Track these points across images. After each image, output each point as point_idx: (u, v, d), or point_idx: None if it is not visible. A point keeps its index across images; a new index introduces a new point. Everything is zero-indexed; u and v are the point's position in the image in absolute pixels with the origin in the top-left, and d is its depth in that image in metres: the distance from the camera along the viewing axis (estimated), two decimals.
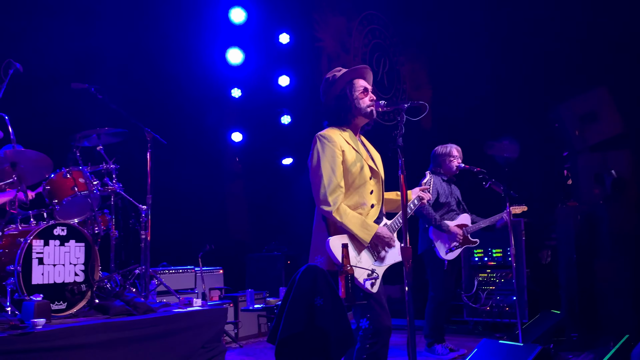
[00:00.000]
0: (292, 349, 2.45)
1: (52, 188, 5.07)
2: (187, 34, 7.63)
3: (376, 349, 2.98)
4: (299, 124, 8.76)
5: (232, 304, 6.18)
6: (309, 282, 2.47)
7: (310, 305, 2.48)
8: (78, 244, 4.77)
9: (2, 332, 3.72)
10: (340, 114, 3.25)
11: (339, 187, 3.05)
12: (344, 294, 2.61)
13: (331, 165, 3.05)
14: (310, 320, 2.42)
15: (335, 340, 2.45)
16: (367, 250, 3.06)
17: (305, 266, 2.58)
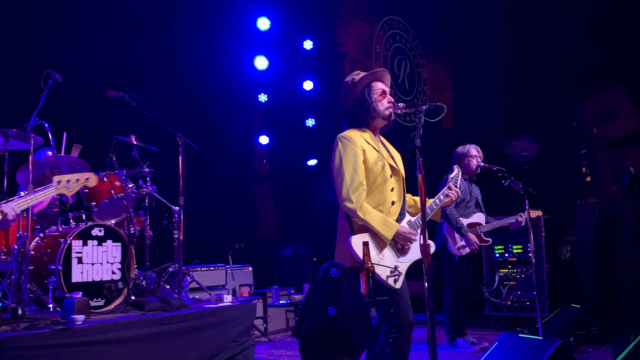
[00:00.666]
0: (316, 343, 2.45)
1: (90, 191, 5.13)
2: (215, 42, 7.68)
3: (399, 343, 2.97)
4: (323, 126, 8.76)
5: (261, 300, 6.20)
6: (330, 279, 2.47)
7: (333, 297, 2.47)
8: (115, 244, 4.84)
9: (45, 327, 3.78)
10: (360, 115, 3.24)
11: (361, 186, 3.04)
12: (365, 290, 2.60)
13: (353, 165, 3.04)
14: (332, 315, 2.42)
15: (357, 336, 2.45)
16: (389, 247, 3.04)
17: (327, 264, 2.58)
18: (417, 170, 2.84)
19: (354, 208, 2.98)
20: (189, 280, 5.71)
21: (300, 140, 8.84)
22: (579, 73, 7.34)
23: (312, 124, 8.91)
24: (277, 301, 6.48)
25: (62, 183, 3.06)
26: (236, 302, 5.18)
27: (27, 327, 3.77)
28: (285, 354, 5.30)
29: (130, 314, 4.53)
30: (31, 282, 4.44)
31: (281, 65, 8.54)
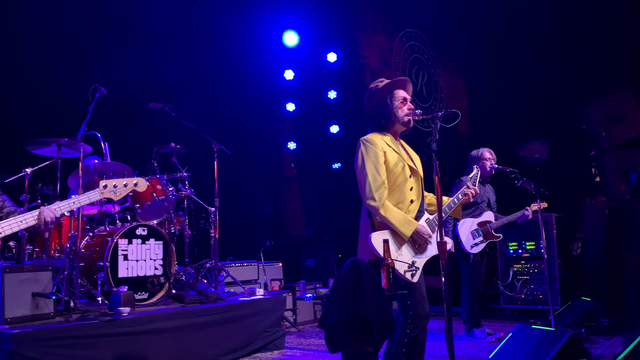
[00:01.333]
0: (340, 333, 2.45)
1: (134, 194, 5.21)
2: (247, 56, 7.72)
3: (416, 334, 2.96)
4: (347, 132, 8.75)
5: (290, 293, 6.21)
6: (353, 274, 2.47)
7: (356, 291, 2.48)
8: (157, 242, 4.90)
9: (94, 318, 3.85)
10: (381, 120, 3.22)
11: (383, 185, 3.03)
12: (386, 284, 2.60)
13: (375, 165, 3.04)
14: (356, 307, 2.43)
15: (378, 327, 2.44)
16: (407, 244, 3.02)
17: (350, 260, 2.58)
18: (433, 172, 2.83)
19: (377, 206, 2.97)
20: (224, 275, 5.75)
21: (325, 145, 8.84)
22: (589, 79, 7.21)
23: (336, 131, 8.91)
24: (304, 294, 6.48)
25: (108, 187, 2.96)
26: (267, 295, 5.20)
27: (79, 318, 3.84)
28: (313, 343, 5.31)
29: (171, 306, 4.58)
30: (82, 277, 4.52)
31: (307, 77, 8.57)
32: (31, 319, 3.77)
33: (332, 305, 2.46)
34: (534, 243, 6.43)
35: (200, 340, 4.34)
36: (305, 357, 4.68)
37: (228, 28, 7.42)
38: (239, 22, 7.56)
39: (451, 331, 2.62)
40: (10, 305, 3.69)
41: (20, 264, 4.12)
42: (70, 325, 3.67)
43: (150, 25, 6.55)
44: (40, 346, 3.46)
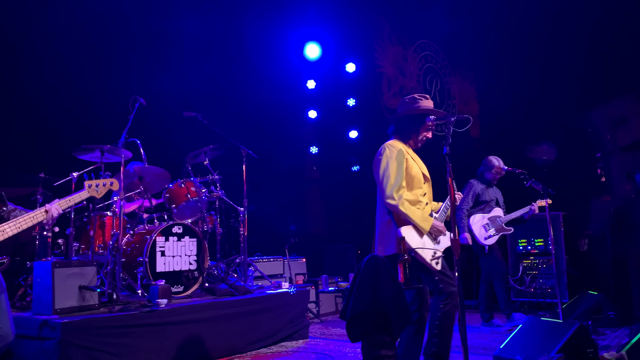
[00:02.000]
0: (360, 324, 2.45)
1: (170, 195, 5.28)
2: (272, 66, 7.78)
3: (448, 308, 3.05)
4: (365, 137, 8.73)
5: (313, 287, 6.22)
6: (372, 269, 2.47)
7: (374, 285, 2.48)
8: (191, 239, 4.95)
9: (135, 309, 3.91)
10: (405, 132, 3.30)
11: (403, 186, 3.10)
12: (402, 278, 2.60)
13: (397, 168, 3.11)
14: (374, 300, 2.43)
15: (396, 318, 2.44)
16: (427, 237, 3.11)
17: (369, 256, 2.58)
18: (447, 174, 2.83)
19: (397, 204, 3.04)
20: (252, 270, 5.78)
21: (344, 149, 8.83)
22: (594, 84, 7.09)
23: (355, 136, 8.89)
24: (326, 288, 6.48)
25: (92, 187, 3.23)
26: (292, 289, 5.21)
27: (121, 309, 3.91)
28: (335, 333, 5.31)
29: (205, 298, 4.63)
30: (123, 271, 4.59)
31: (328, 86, 8.58)
32: (78, 310, 3.84)
33: (352, 298, 2.46)
34: (542, 240, 6.34)
35: (231, 330, 4.38)
36: (328, 346, 4.68)
37: (256, 41, 7.47)
38: (266, 36, 7.61)
39: (464, 322, 2.61)
40: (59, 297, 3.77)
41: (68, 260, 4.19)
42: (113, 316, 3.73)
43: (184, 38, 6.63)
44: (87, 335, 3.52)
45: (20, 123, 5.53)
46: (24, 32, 5.57)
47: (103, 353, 3.57)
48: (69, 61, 5.81)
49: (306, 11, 8.02)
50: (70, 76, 5.83)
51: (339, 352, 4.42)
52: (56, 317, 3.60)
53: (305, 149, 8.64)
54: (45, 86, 5.64)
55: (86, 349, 3.50)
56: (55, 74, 5.72)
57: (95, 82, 5.95)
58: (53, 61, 5.71)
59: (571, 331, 3.49)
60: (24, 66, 5.55)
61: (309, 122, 8.59)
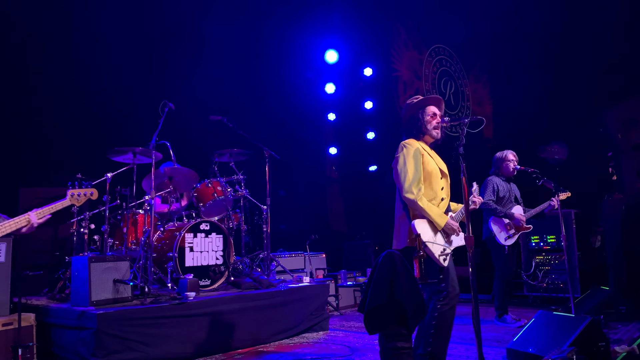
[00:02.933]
0: (377, 317, 2.44)
1: (198, 194, 5.33)
2: (293, 71, 7.81)
3: (445, 310, 2.97)
4: (382, 138, 8.71)
5: (333, 281, 6.21)
6: (388, 264, 2.46)
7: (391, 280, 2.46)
8: (218, 236, 5.00)
9: (165, 301, 3.96)
10: (413, 130, 3.25)
11: (420, 182, 3.06)
12: (418, 273, 2.58)
13: (415, 164, 3.06)
14: (391, 294, 2.42)
15: (412, 311, 2.42)
16: (440, 233, 3.05)
17: (386, 252, 2.57)
18: (460, 173, 2.80)
19: (415, 199, 2.99)
20: (275, 265, 5.80)
21: (362, 150, 8.82)
22: (606, 85, 6.94)
23: (372, 137, 8.87)
24: (344, 282, 6.47)
25: (74, 196, 3.40)
26: (313, 283, 5.21)
27: (152, 301, 3.96)
28: (353, 325, 5.30)
29: (230, 291, 4.67)
30: (154, 266, 4.65)
31: (346, 89, 8.58)
32: (113, 302, 3.91)
33: (370, 292, 2.46)
34: (554, 236, 6.24)
35: (255, 321, 4.40)
36: (347, 338, 4.68)
37: (278, 47, 7.50)
38: (288, 42, 7.64)
39: (478, 316, 2.58)
40: (95, 290, 3.84)
41: (103, 255, 4.27)
42: (145, 308, 3.79)
43: (211, 45, 6.68)
44: (121, 325, 3.58)
45: (59, 127, 5.65)
46: (64, 37, 5.67)
47: (135, 342, 3.63)
48: (106, 69, 5.92)
49: (326, 17, 8.03)
50: (104, 84, 5.93)
51: (358, 344, 4.41)
52: (92, 309, 3.67)
53: (325, 149, 8.65)
54: (83, 91, 5.76)
55: (120, 339, 3.56)
56: (94, 81, 5.83)
57: (127, 88, 6.04)
58: (92, 69, 5.82)
59: (583, 325, 3.42)
60: (64, 73, 5.67)
61: (328, 124, 8.61)
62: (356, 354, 4.06)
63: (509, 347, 3.75)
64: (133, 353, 3.60)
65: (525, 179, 5.31)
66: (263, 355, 4.08)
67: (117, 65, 5.99)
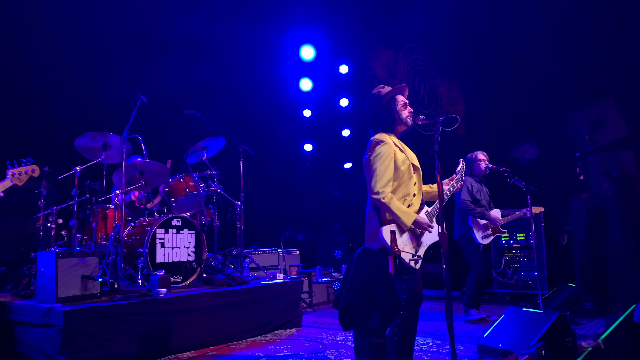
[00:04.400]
0: (352, 313, 2.43)
1: (170, 189, 5.24)
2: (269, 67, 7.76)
3: (408, 315, 2.92)
4: (357, 136, 8.74)
5: (306, 278, 6.20)
6: (364, 261, 2.45)
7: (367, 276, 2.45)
8: (190, 232, 4.92)
9: (135, 298, 3.88)
10: (386, 122, 3.15)
11: (389, 181, 2.97)
12: (393, 270, 2.57)
13: (384, 163, 2.97)
14: (366, 290, 2.41)
15: (386, 308, 2.42)
16: (410, 234, 2.96)
17: (361, 248, 2.56)
18: (435, 171, 2.80)
19: (381, 199, 2.90)
20: (248, 261, 5.76)
21: (337, 147, 8.83)
22: (575, 88, 7.11)
23: (347, 134, 8.90)
24: (320, 278, 6.47)
25: (15, 175, 3.34)
26: (286, 279, 5.20)
27: (122, 298, 3.88)
28: (327, 322, 5.30)
29: (202, 288, 4.60)
30: (124, 262, 4.56)
31: (322, 86, 8.58)
32: (80, 299, 3.81)
33: (345, 288, 2.44)
34: (524, 234, 6.38)
35: (228, 318, 4.36)
36: (320, 334, 4.67)
37: (253, 43, 7.44)
38: (263, 38, 7.58)
39: (451, 312, 2.60)
40: (62, 286, 3.73)
41: (71, 250, 4.16)
42: (115, 304, 3.70)
43: (184, 40, 6.58)
44: (89, 322, 3.49)
45: (28, 119, 5.48)
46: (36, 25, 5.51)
47: (104, 340, 3.54)
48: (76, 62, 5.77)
49: (302, 14, 8.00)
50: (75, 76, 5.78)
51: (331, 340, 4.41)
52: (59, 306, 3.57)
53: (300, 146, 8.63)
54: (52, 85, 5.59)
55: (88, 336, 3.47)
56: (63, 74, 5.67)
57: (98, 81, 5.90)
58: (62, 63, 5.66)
59: (551, 321, 3.49)
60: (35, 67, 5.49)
61: (303, 121, 8.59)
62: (329, 350, 4.06)
63: (479, 342, 3.81)
64: (102, 351, 3.52)
65: (496, 178, 5.40)
66: (235, 353, 4.04)
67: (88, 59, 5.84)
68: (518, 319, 3.80)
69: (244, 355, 3.94)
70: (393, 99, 3.17)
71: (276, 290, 4.84)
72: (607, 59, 6.71)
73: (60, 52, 5.67)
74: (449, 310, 2.60)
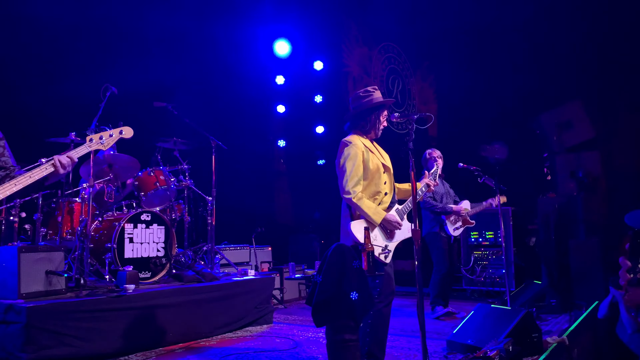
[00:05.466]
0: (326, 309, 2.43)
1: (139, 183, 5.15)
2: (242, 61, 7.68)
3: (380, 307, 3.00)
4: (331, 132, 8.74)
5: (278, 274, 6.18)
6: (338, 257, 2.46)
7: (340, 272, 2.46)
8: (159, 227, 4.84)
9: (102, 294, 3.80)
10: (366, 127, 3.23)
11: (359, 180, 3.05)
12: (366, 266, 2.59)
13: (354, 163, 3.05)
14: (340, 286, 2.41)
15: (359, 303, 2.43)
16: (380, 231, 3.05)
17: (335, 244, 2.56)
18: (409, 168, 2.83)
19: (351, 198, 3.00)
20: (219, 258, 5.71)
21: (311, 144, 8.82)
22: (543, 90, 7.29)
23: (321, 131, 8.89)
24: (293, 275, 6.45)
25: (95, 141, 2.86)
26: (258, 276, 5.17)
27: (88, 294, 3.79)
28: (297, 319, 5.29)
29: (172, 284, 4.54)
30: (91, 257, 4.45)
31: (296, 82, 8.55)
32: (44, 295, 3.70)
33: (318, 284, 2.44)
34: (492, 232, 6.50)
35: (197, 315, 4.30)
36: (291, 331, 4.66)
37: (227, 37, 7.36)
38: (237, 32, 7.51)
39: (422, 309, 2.63)
40: (25, 281, 3.62)
41: (35, 245, 4.03)
42: (80, 300, 3.61)
43: (156, 33, 6.45)
44: (53, 319, 3.40)
45: None
46: None
47: (69, 337, 3.45)
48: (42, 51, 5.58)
49: (276, 9, 7.95)
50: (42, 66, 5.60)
51: (302, 337, 4.40)
52: (22, 302, 3.46)
53: (274, 142, 8.59)
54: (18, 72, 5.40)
55: (52, 333, 3.37)
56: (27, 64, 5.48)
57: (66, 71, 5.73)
58: (24, 51, 5.47)
59: (518, 318, 3.58)
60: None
61: (277, 116, 8.55)
62: (300, 347, 4.05)
63: (449, 339, 3.87)
64: (66, 348, 3.42)
65: (466, 176, 5.49)
66: (205, 350, 3.99)
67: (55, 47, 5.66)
68: (487, 315, 3.87)
69: (214, 352, 3.90)
70: (379, 111, 3.24)
71: (247, 287, 4.81)
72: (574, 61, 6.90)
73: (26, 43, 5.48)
74: (421, 306, 2.63)
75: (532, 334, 3.63)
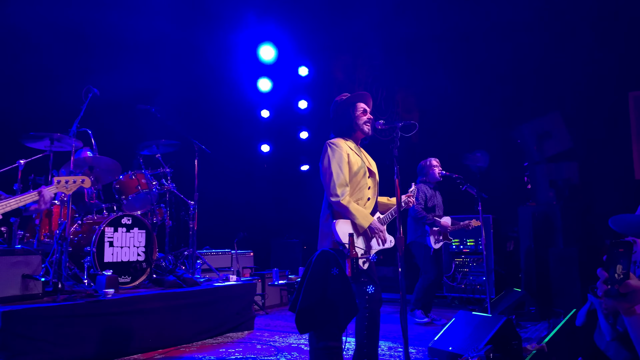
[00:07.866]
0: (309, 316, 2.42)
1: (120, 186, 5.08)
2: (226, 66, 7.66)
3: (367, 314, 3.00)
4: (315, 138, 8.76)
5: (260, 280, 6.14)
6: (323, 263, 2.45)
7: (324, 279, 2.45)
8: (140, 231, 4.78)
9: (81, 299, 3.72)
10: (344, 128, 3.22)
11: (346, 182, 3.02)
12: (350, 273, 2.59)
13: (339, 165, 3.02)
14: (324, 293, 2.40)
15: (343, 310, 2.42)
16: (362, 237, 3.03)
17: (320, 251, 2.55)
18: (394, 175, 2.84)
19: (339, 200, 2.96)
20: (200, 263, 5.65)
21: (295, 149, 8.82)
22: (524, 100, 7.40)
23: (305, 137, 8.90)
24: (276, 280, 6.40)
25: (61, 183, 3.07)
26: (240, 282, 5.12)
27: (66, 298, 3.71)
28: (279, 325, 5.26)
29: (152, 289, 4.47)
30: (70, 261, 4.36)
31: (281, 87, 8.55)
32: (20, 299, 3.61)
33: (303, 291, 2.43)
34: (473, 240, 6.55)
35: (178, 321, 4.25)
36: (272, 337, 4.63)
37: (211, 41, 7.34)
38: (220, 37, 7.48)
39: (405, 315, 2.63)
40: (0, 285, 3.53)
41: (11, 248, 3.93)
42: (58, 305, 3.53)
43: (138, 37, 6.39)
44: (29, 324, 3.32)
45: None
46: None
47: (46, 342, 3.37)
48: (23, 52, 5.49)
49: (261, 13, 7.94)
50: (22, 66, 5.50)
51: (283, 343, 4.37)
52: None
53: (257, 147, 8.56)
54: None
55: (28, 339, 3.29)
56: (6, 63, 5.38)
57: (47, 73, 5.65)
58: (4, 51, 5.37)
59: (499, 325, 3.61)
60: None
61: (261, 121, 8.53)
62: (281, 353, 4.02)
63: (430, 345, 3.88)
64: (42, 354, 3.34)
65: (449, 184, 5.54)
66: (185, 356, 3.94)
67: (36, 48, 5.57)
68: (468, 322, 3.90)
69: (194, 359, 3.85)
70: (353, 106, 3.21)
71: (229, 292, 4.76)
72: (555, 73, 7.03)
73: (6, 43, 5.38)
74: (404, 313, 2.63)
75: (512, 341, 3.66)
